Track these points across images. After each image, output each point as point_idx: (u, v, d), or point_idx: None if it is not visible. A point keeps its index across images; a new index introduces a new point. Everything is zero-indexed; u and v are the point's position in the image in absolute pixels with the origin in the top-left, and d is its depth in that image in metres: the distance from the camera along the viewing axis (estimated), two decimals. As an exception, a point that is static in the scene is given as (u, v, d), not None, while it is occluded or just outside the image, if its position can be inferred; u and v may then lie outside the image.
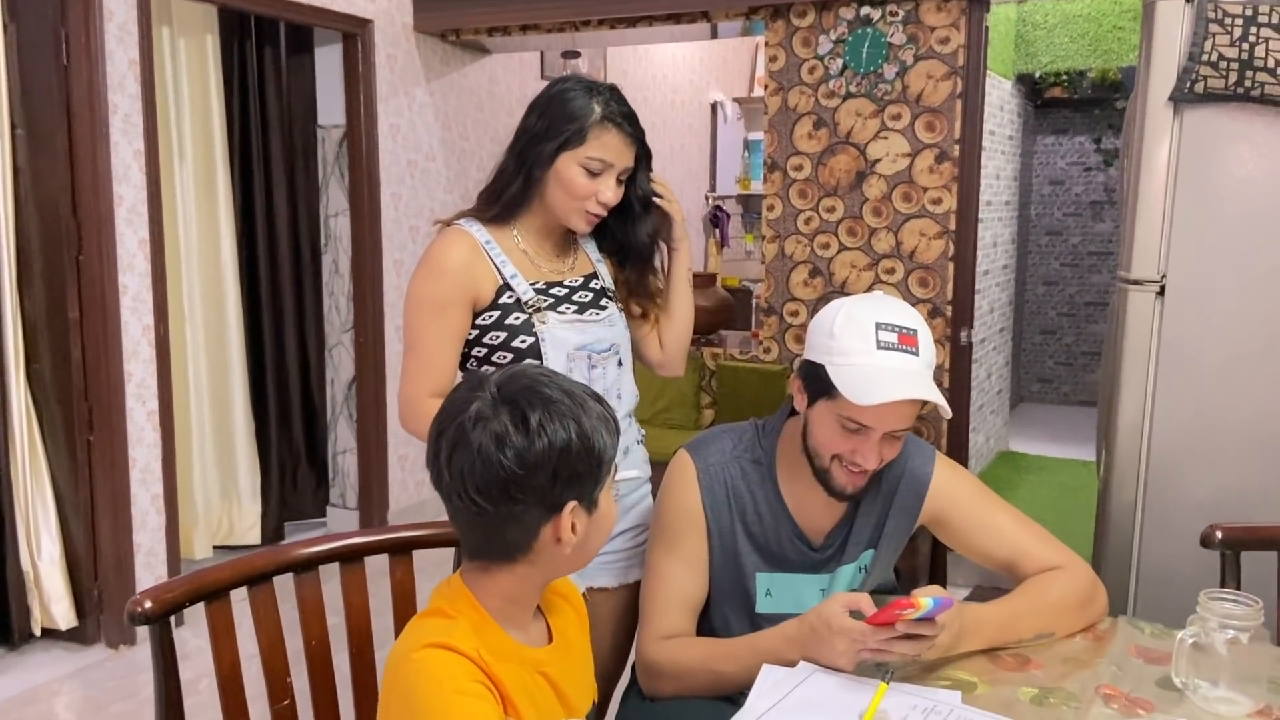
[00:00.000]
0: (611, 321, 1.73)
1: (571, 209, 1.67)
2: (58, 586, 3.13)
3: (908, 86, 3.64)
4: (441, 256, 1.67)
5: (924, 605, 1.25)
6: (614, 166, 1.65)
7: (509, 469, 1.05)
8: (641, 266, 1.80)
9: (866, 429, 1.43)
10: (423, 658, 1.07)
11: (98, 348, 3.08)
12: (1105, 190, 6.56)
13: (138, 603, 1.23)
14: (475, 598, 1.13)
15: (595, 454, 1.10)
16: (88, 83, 2.98)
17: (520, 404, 1.07)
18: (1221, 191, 1.97)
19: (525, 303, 1.67)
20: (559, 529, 1.10)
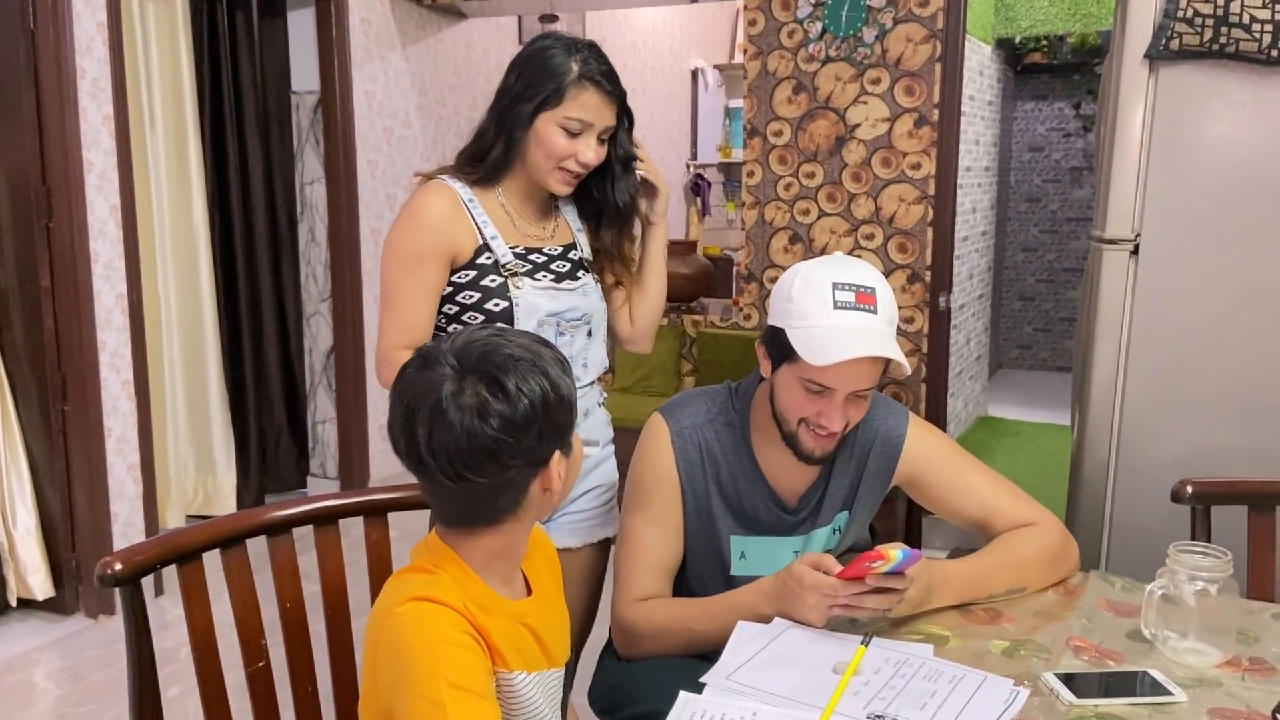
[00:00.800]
0: (585, 292, 1.72)
1: (550, 170, 1.65)
2: (34, 557, 3.11)
3: (887, 50, 3.62)
4: (421, 209, 1.65)
5: (893, 557, 1.26)
6: (594, 126, 1.63)
7: (497, 438, 1.04)
8: (618, 229, 1.78)
9: (829, 390, 1.43)
10: (407, 610, 1.07)
11: (70, 317, 3.04)
12: (1084, 156, 6.57)
13: (108, 564, 1.22)
14: (459, 555, 1.12)
15: (567, 399, 1.10)
16: (54, 46, 2.92)
17: (490, 371, 1.05)
18: (1196, 149, 1.97)
19: (504, 265, 1.66)
20: (548, 481, 1.11)
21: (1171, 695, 1.20)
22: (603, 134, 1.66)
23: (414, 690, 1.03)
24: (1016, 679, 1.22)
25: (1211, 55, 1.91)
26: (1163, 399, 2.02)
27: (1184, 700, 1.19)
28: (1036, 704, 1.19)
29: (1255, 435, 1.97)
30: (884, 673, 1.24)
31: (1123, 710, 1.17)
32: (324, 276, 4.18)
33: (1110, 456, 2.06)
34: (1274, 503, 1.62)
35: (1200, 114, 1.94)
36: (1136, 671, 1.26)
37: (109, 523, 3.18)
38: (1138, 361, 2.03)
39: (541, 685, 1.17)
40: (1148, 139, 1.98)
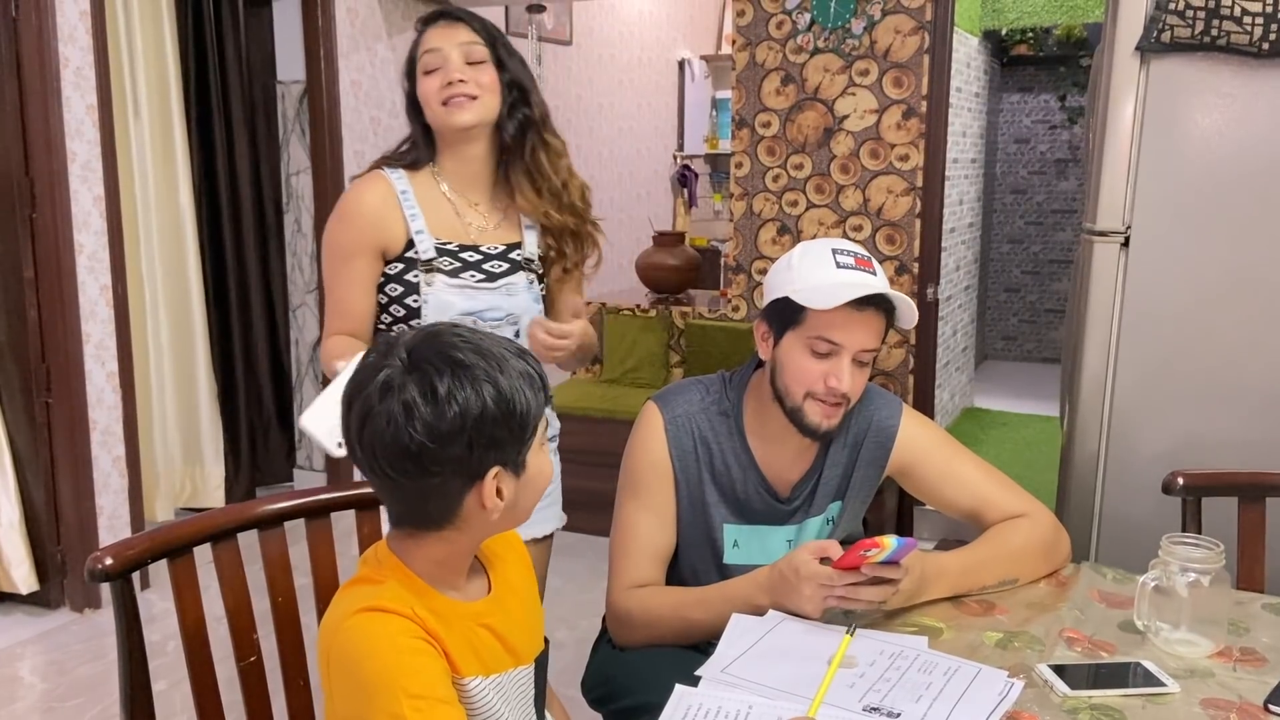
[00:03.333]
0: (510, 291, 1.70)
1: (434, 106, 1.66)
2: (18, 550, 3.09)
3: (875, 42, 3.62)
4: (352, 204, 1.69)
5: (888, 545, 1.26)
6: (442, 50, 1.65)
7: (419, 441, 0.99)
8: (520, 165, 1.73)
9: (836, 348, 1.45)
10: (356, 622, 1.03)
11: (54, 308, 3.01)
12: (1070, 148, 6.59)
13: (98, 559, 1.21)
14: (403, 563, 1.09)
15: (517, 416, 1.03)
16: (37, 34, 2.89)
17: (428, 371, 1.00)
18: (1187, 141, 1.98)
19: (422, 261, 1.67)
20: (483, 496, 1.05)
21: (1164, 686, 1.21)
22: (469, 57, 1.66)
23: (373, 705, 1.00)
24: (1011, 671, 1.23)
25: (1202, 48, 1.91)
26: (1153, 391, 2.03)
27: (1176, 691, 1.20)
28: (1031, 695, 1.19)
29: (1245, 426, 1.98)
30: (879, 665, 1.24)
31: (1116, 701, 1.18)
32: (310, 268, 4.16)
33: (1100, 448, 2.07)
34: (1264, 494, 1.63)
35: (1191, 106, 1.95)
36: (1129, 662, 1.27)
37: (94, 516, 3.16)
38: (1128, 353, 2.03)
39: (504, 687, 1.14)
40: (1138, 131, 1.99)
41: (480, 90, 1.66)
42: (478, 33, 1.68)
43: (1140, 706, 1.17)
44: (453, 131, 1.67)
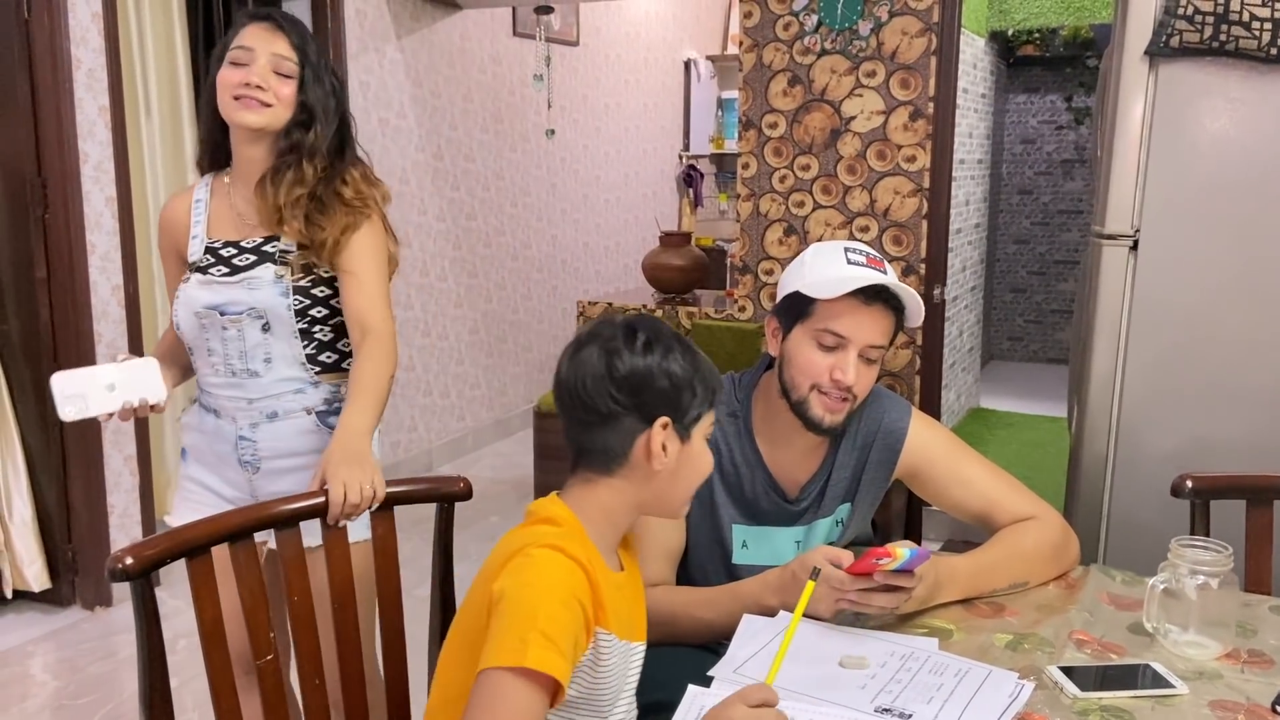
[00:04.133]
0: (252, 285, 1.70)
1: (228, 104, 1.68)
2: (30, 548, 3.11)
3: (882, 43, 3.63)
4: (161, 215, 1.82)
5: (900, 555, 1.27)
6: (253, 50, 1.68)
7: (615, 376, 1.19)
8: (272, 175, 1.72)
9: (843, 341, 1.47)
10: (543, 554, 1.15)
11: (66, 308, 3.03)
12: (1076, 149, 6.59)
13: (118, 559, 1.22)
14: (574, 513, 1.22)
15: (694, 390, 1.21)
16: (49, 36, 2.91)
17: (636, 327, 1.21)
18: (1195, 146, 1.98)
19: (189, 263, 1.74)
20: (650, 442, 1.19)
21: (1173, 688, 1.22)
22: (277, 66, 1.68)
23: (510, 617, 1.10)
24: (1021, 672, 1.24)
25: (1211, 52, 1.92)
26: (1161, 394, 2.04)
27: (1185, 692, 1.21)
28: (1041, 697, 1.20)
29: (1254, 429, 1.99)
30: (890, 666, 1.25)
31: (1125, 703, 1.19)
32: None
33: (1109, 450, 2.08)
34: (1272, 497, 1.64)
35: (1200, 111, 1.96)
36: (1138, 664, 1.28)
37: (106, 515, 3.18)
38: (1136, 356, 2.04)
39: (629, 656, 1.25)
40: (1147, 135, 2.00)
41: (275, 100, 1.69)
42: (295, 48, 1.70)
43: (1149, 708, 1.18)
44: (236, 128, 1.71)
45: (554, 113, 5.36)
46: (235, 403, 1.74)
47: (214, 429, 1.77)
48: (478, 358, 5.04)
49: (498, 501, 4.29)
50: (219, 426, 1.76)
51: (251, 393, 1.73)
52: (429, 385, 4.69)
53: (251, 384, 1.73)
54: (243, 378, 1.73)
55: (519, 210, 5.28)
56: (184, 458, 1.85)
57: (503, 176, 5.11)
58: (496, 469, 4.79)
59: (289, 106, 1.70)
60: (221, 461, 1.78)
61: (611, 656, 1.20)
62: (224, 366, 1.73)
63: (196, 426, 1.80)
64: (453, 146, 4.70)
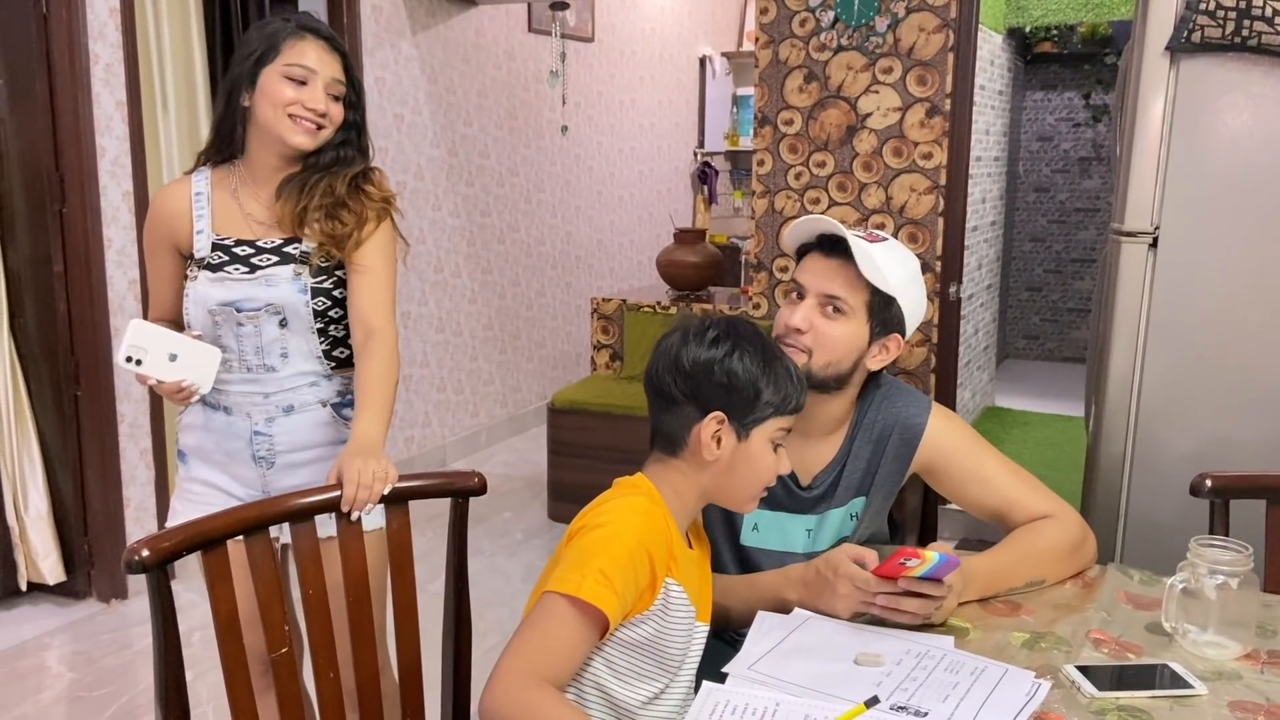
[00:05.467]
0: (270, 282, 1.71)
1: (280, 119, 1.68)
2: (46, 541, 3.12)
3: (899, 39, 3.61)
4: (153, 204, 1.80)
5: (930, 558, 1.26)
6: (317, 73, 1.68)
7: (681, 364, 1.27)
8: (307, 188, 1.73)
9: (801, 289, 1.53)
10: (622, 502, 1.26)
11: (83, 302, 3.05)
12: (1093, 146, 6.55)
13: (135, 551, 1.23)
14: (657, 487, 1.30)
15: (757, 390, 1.27)
16: (67, 31, 2.92)
17: (711, 324, 1.29)
18: (1216, 142, 1.96)
19: (197, 259, 1.73)
20: (702, 433, 1.26)
21: (1192, 688, 1.21)
22: (330, 89, 1.69)
23: (577, 553, 1.19)
24: (1038, 671, 1.23)
25: (1233, 48, 1.90)
26: (1180, 392, 2.02)
27: (1204, 693, 1.20)
28: (1058, 696, 1.19)
29: (1273, 428, 1.97)
30: (905, 664, 1.24)
31: (1143, 703, 1.18)
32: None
33: (1126, 449, 2.07)
34: (1292, 497, 1.62)
35: (1221, 107, 1.94)
36: (1156, 664, 1.27)
37: (121, 507, 3.19)
38: (1155, 355, 2.02)
39: (694, 624, 1.29)
40: (1168, 131, 1.98)
41: (328, 124, 1.71)
42: (345, 71, 1.72)
43: (1168, 708, 1.17)
44: (282, 143, 1.70)
45: (569, 109, 5.36)
46: (250, 398, 1.74)
47: (224, 426, 1.76)
48: (491, 354, 5.05)
49: (511, 498, 4.30)
50: (230, 423, 1.76)
51: (268, 387, 1.74)
52: (443, 381, 4.70)
53: (268, 378, 1.73)
54: (259, 373, 1.73)
55: (533, 207, 5.28)
56: (183, 460, 1.83)
57: (517, 173, 5.11)
58: (510, 465, 4.80)
59: (335, 127, 1.72)
60: (232, 459, 1.77)
61: (681, 610, 1.26)
62: (239, 362, 1.73)
63: (202, 425, 1.78)
64: (467, 143, 4.70)
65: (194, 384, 1.66)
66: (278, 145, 1.71)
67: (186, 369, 1.65)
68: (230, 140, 1.75)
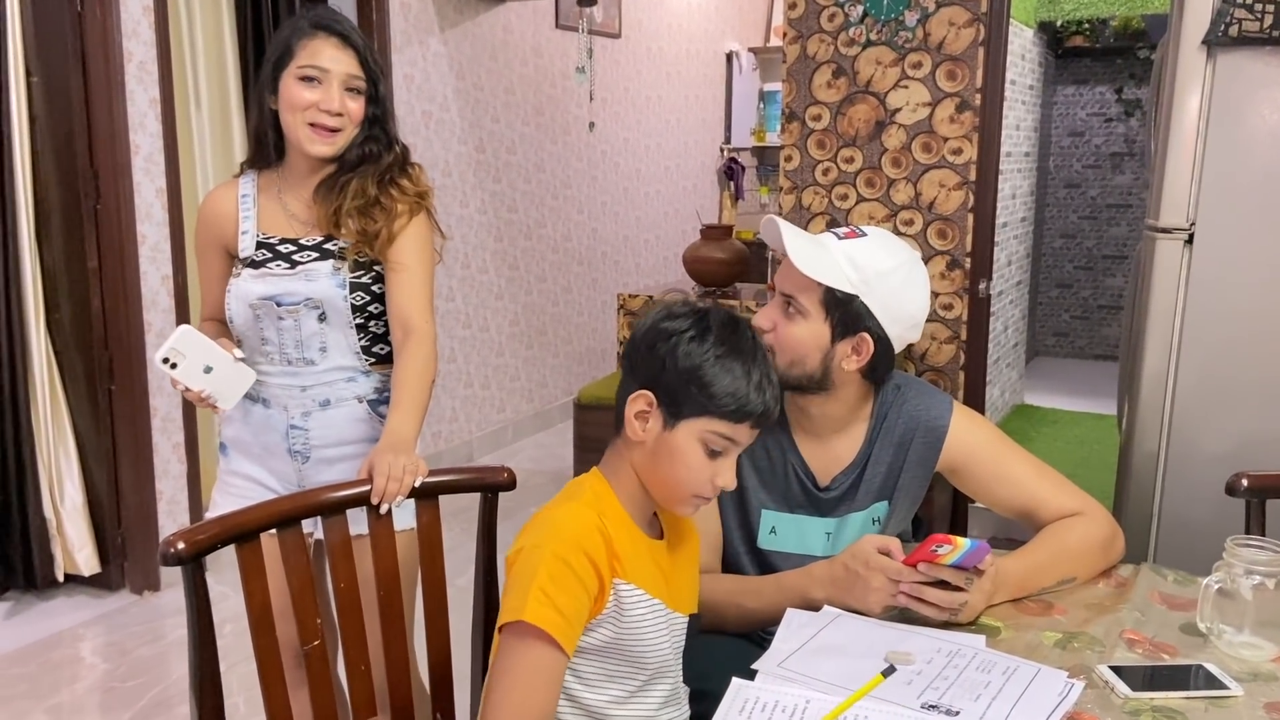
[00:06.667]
0: (310, 277, 1.71)
1: (300, 126, 1.68)
2: (81, 533, 3.17)
3: (929, 34, 3.58)
4: (202, 207, 1.83)
5: (962, 545, 1.25)
6: (330, 72, 1.67)
7: (636, 331, 1.24)
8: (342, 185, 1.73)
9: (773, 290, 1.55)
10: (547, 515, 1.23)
11: (117, 297, 3.09)
12: (1126, 142, 6.47)
13: (171, 543, 1.24)
14: (607, 477, 1.28)
15: (707, 385, 1.19)
16: (102, 29, 2.96)
17: (693, 308, 1.23)
18: (1254, 137, 1.94)
19: (240, 258, 1.74)
20: (629, 408, 1.22)
21: (1227, 689, 1.19)
22: (348, 84, 1.69)
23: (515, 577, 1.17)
24: (1070, 671, 1.22)
25: (1271, 42, 1.88)
26: (1215, 391, 2.00)
27: (1240, 694, 1.19)
28: (1091, 697, 1.18)
29: (1311, 428, 1.94)
30: (936, 663, 1.23)
31: (1178, 704, 1.17)
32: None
33: (1160, 448, 2.04)
34: (1330, 497, 1.60)
35: (1259, 101, 1.91)
36: (1191, 665, 1.25)
37: (154, 500, 3.23)
38: (1190, 352, 2.00)
39: (659, 618, 1.25)
40: (1204, 126, 1.95)
41: (348, 123, 1.71)
42: (363, 65, 1.71)
43: (1203, 709, 1.16)
44: (299, 148, 1.72)
45: (595, 105, 5.36)
46: (288, 391, 1.75)
47: (262, 419, 1.78)
48: (518, 350, 5.06)
49: (537, 493, 4.31)
50: (268, 416, 1.77)
51: (306, 380, 1.75)
52: (469, 377, 4.72)
53: (306, 372, 1.75)
54: (298, 366, 1.75)
55: (560, 203, 5.29)
56: (223, 452, 1.86)
57: (544, 169, 5.12)
58: (536, 460, 4.81)
59: (358, 123, 1.72)
60: (268, 453, 1.79)
61: (638, 609, 1.22)
62: (279, 355, 1.74)
63: (241, 418, 1.80)
64: (495, 139, 4.71)
65: (216, 399, 1.68)
66: (301, 152, 1.73)
67: (216, 383, 1.67)
68: (267, 145, 1.76)
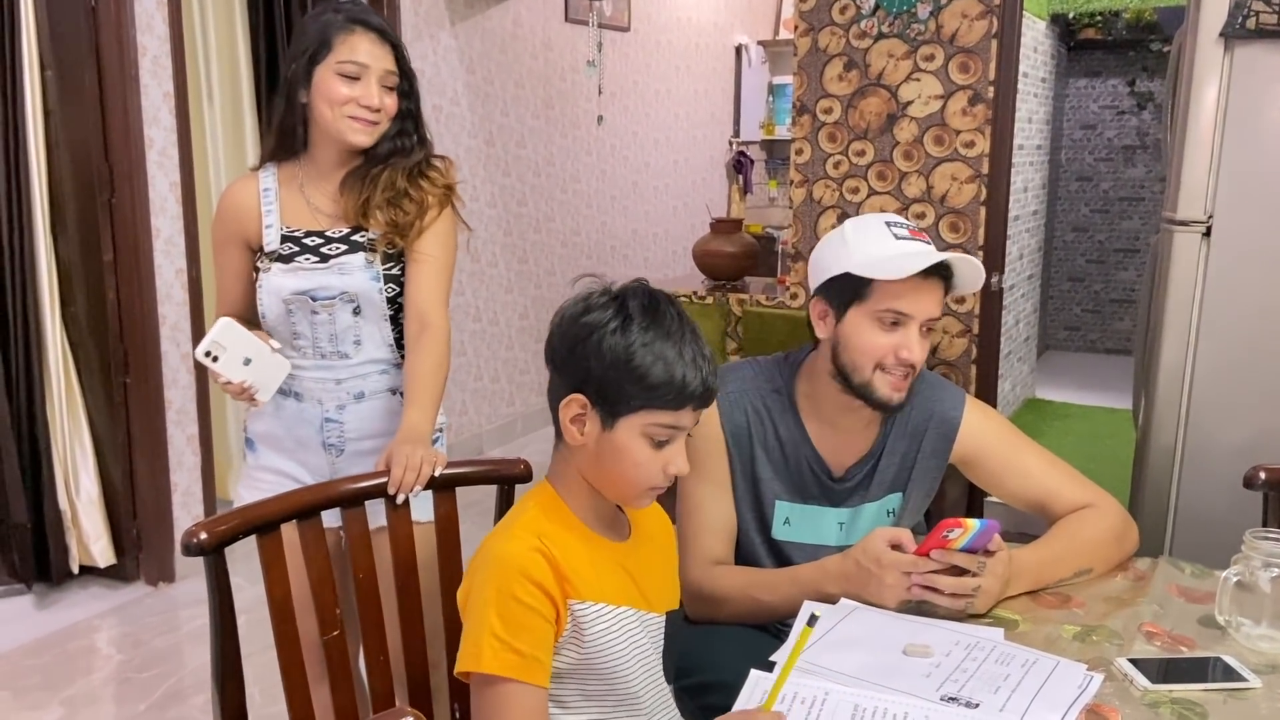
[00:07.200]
0: (343, 270, 1.71)
1: (338, 119, 1.68)
2: (96, 525, 3.19)
3: (941, 26, 3.57)
4: (221, 201, 1.81)
5: (971, 526, 1.26)
6: (369, 68, 1.67)
7: (555, 327, 1.15)
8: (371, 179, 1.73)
9: (905, 320, 1.46)
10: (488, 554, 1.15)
11: (131, 291, 3.10)
12: (1138, 134, 6.44)
13: (193, 534, 1.25)
14: (554, 483, 1.23)
15: (636, 372, 1.11)
16: (115, 24, 2.96)
17: (610, 293, 1.14)
18: (1272, 130, 1.93)
19: (267, 252, 1.73)
20: (563, 414, 1.15)
21: (1246, 681, 1.20)
22: (384, 80, 1.69)
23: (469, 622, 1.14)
24: (1089, 664, 1.22)
25: (1289, 34, 1.87)
26: (1233, 384, 1.99)
27: (1259, 686, 1.19)
28: (1110, 689, 1.18)
29: (1329, 422, 1.94)
30: (955, 655, 1.24)
31: (1197, 696, 1.17)
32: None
33: (1177, 442, 2.04)
34: (1348, 490, 1.59)
35: (1277, 94, 1.90)
36: (1209, 657, 1.26)
37: (169, 492, 3.25)
38: (1207, 346, 1.99)
39: (629, 625, 1.20)
40: (1221, 119, 1.95)
41: (383, 118, 1.71)
42: (398, 62, 1.72)
43: (1221, 701, 1.16)
44: (341, 142, 1.71)
45: (604, 99, 5.36)
46: (323, 385, 1.75)
47: (295, 413, 1.77)
48: (527, 343, 5.07)
49: (548, 486, 4.32)
50: (301, 410, 1.77)
51: (340, 373, 1.75)
52: (479, 370, 4.73)
53: (341, 365, 1.75)
54: (333, 359, 1.74)
55: (569, 197, 5.29)
56: (251, 448, 1.84)
57: (553, 163, 5.12)
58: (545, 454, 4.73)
59: (391, 118, 1.73)
60: (302, 446, 1.78)
61: (598, 625, 1.17)
62: (313, 349, 1.74)
63: (272, 413, 1.78)
64: (504, 133, 4.72)
65: (256, 391, 1.68)
66: (337, 142, 1.72)
67: (255, 374, 1.67)
68: (293, 138, 1.76)
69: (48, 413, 3.10)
